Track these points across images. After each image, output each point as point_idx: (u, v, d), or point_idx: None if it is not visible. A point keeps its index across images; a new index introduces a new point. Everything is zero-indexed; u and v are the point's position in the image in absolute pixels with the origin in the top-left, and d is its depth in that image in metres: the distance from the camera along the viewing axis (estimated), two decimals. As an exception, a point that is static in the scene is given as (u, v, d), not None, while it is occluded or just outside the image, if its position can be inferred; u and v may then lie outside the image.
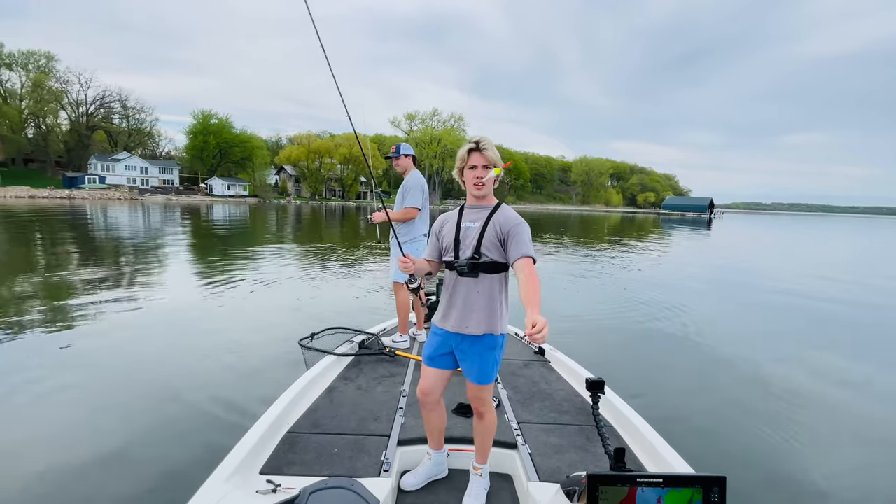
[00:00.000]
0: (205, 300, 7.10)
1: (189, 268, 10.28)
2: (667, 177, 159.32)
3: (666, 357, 5.30)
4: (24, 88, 63.12)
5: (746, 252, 20.48)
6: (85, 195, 51.68)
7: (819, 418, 3.86)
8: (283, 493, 1.74)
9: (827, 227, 54.32)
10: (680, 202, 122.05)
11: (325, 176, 75.90)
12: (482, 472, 2.03)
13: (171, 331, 5.51)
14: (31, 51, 63.92)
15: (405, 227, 3.72)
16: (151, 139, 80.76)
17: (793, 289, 10.33)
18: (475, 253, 1.84)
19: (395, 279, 3.79)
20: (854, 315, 8.09)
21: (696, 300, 8.50)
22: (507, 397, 2.83)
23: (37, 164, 65.61)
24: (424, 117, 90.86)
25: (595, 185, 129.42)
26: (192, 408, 3.55)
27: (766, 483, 2.88)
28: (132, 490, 2.57)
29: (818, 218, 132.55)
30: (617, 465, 1.46)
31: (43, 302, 6.52)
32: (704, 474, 1.31)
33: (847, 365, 5.30)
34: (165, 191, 62.64)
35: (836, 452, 3.30)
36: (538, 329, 1.37)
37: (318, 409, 2.59)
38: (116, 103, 72.51)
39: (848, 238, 34.84)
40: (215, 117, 71.23)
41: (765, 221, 72.93)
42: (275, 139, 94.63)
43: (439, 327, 1.97)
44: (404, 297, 3.79)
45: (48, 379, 3.99)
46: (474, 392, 1.93)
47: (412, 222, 3.72)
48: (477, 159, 1.84)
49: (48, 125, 65.61)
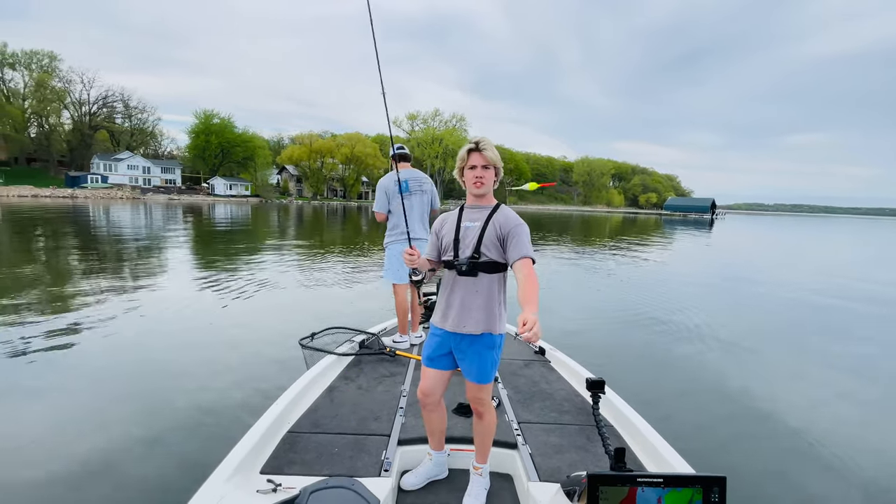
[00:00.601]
0: (205, 299, 7.11)
1: (190, 267, 10.30)
2: (669, 177, 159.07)
3: (666, 357, 5.29)
4: (28, 88, 63.32)
5: (747, 252, 20.45)
6: (87, 194, 51.82)
7: (820, 419, 3.84)
8: (283, 492, 1.74)
9: (829, 229, 54.18)
10: (682, 203, 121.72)
11: (326, 176, 76.01)
12: (482, 472, 2.03)
13: (171, 330, 5.53)
14: (35, 50, 64.20)
15: (388, 227, 3.84)
16: (154, 139, 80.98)
17: (795, 289, 10.31)
18: (475, 252, 1.85)
19: (391, 280, 3.82)
20: (857, 316, 8.06)
21: (697, 300, 8.48)
22: (507, 397, 2.83)
23: (40, 164, 65.80)
24: (426, 117, 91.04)
25: (597, 185, 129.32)
26: (193, 407, 3.55)
27: (767, 483, 2.88)
28: (133, 489, 2.58)
29: (821, 219, 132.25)
30: (617, 464, 1.46)
31: (43, 300, 6.54)
32: (705, 474, 1.31)
33: (849, 366, 5.28)
34: (167, 190, 62.79)
35: (836, 453, 3.28)
36: (528, 327, 1.39)
37: (318, 408, 2.59)
38: (119, 103, 72.76)
39: (850, 240, 34.75)
40: (217, 117, 71.41)
41: (767, 222, 72.77)
42: (276, 139, 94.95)
43: (438, 327, 1.97)
44: (402, 297, 3.81)
45: (47, 378, 4.00)
46: (473, 392, 1.93)
47: (392, 223, 3.80)
48: (477, 159, 1.85)
49: (51, 125, 65.79)
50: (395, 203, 3.73)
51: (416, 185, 3.77)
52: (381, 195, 3.73)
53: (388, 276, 3.84)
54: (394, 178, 3.75)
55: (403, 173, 3.75)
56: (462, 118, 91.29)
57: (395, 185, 3.72)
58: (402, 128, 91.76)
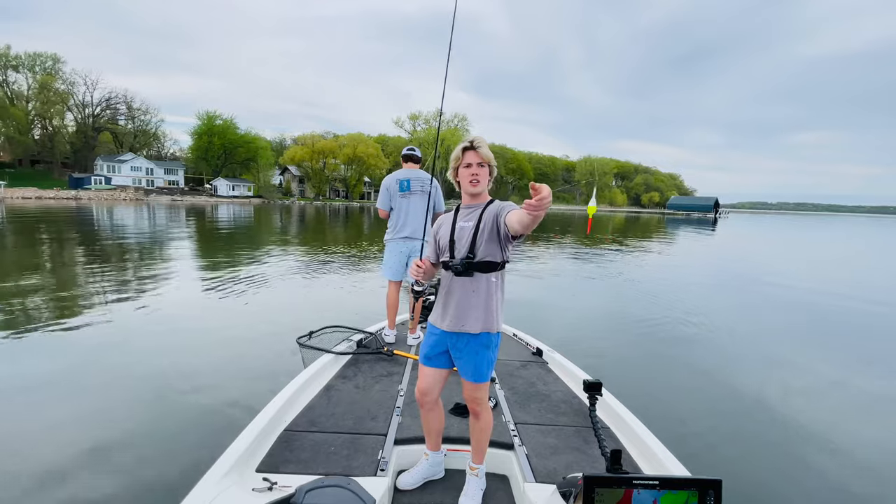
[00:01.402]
0: (204, 297, 7.12)
1: (190, 266, 10.31)
2: (671, 176, 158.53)
3: (663, 359, 5.26)
4: (31, 90, 63.76)
5: (749, 251, 20.37)
6: (91, 196, 52.08)
7: (817, 422, 3.81)
8: (279, 491, 1.73)
9: (834, 227, 53.93)
10: (685, 202, 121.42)
11: (328, 176, 76.13)
12: (478, 473, 2.03)
13: (168, 328, 5.53)
14: (38, 53, 64.63)
15: (389, 225, 3.86)
16: (157, 140, 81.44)
17: (795, 289, 10.26)
18: (470, 252, 1.86)
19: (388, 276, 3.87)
20: (859, 316, 8.01)
21: (697, 301, 8.45)
22: (504, 398, 2.81)
23: (43, 166, 66.19)
24: (428, 117, 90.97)
25: (599, 184, 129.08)
26: (189, 405, 3.56)
27: (763, 486, 2.86)
28: (127, 487, 2.57)
29: (824, 217, 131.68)
30: (613, 466, 1.46)
31: (42, 299, 6.56)
32: (700, 477, 1.30)
33: (848, 367, 5.25)
34: (171, 191, 63.01)
35: (833, 457, 3.26)
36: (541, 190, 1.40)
37: (315, 407, 2.59)
38: (122, 104, 73.24)
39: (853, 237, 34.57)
40: (220, 118, 71.61)
41: (770, 221, 72.53)
42: (279, 140, 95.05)
43: (436, 327, 1.98)
44: (394, 293, 3.85)
45: (42, 375, 4.00)
46: (470, 391, 1.94)
47: (392, 222, 3.82)
48: (471, 157, 1.88)
49: (54, 126, 66.23)
50: (396, 201, 3.75)
51: (418, 186, 3.78)
52: (384, 192, 3.78)
53: (385, 272, 3.90)
54: (397, 176, 3.78)
55: (407, 173, 3.78)
56: (464, 118, 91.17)
57: (397, 183, 3.75)
58: (404, 128, 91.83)
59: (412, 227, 3.74)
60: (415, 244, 3.74)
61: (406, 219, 3.76)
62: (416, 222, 3.73)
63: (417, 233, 3.71)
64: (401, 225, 3.77)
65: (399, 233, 3.77)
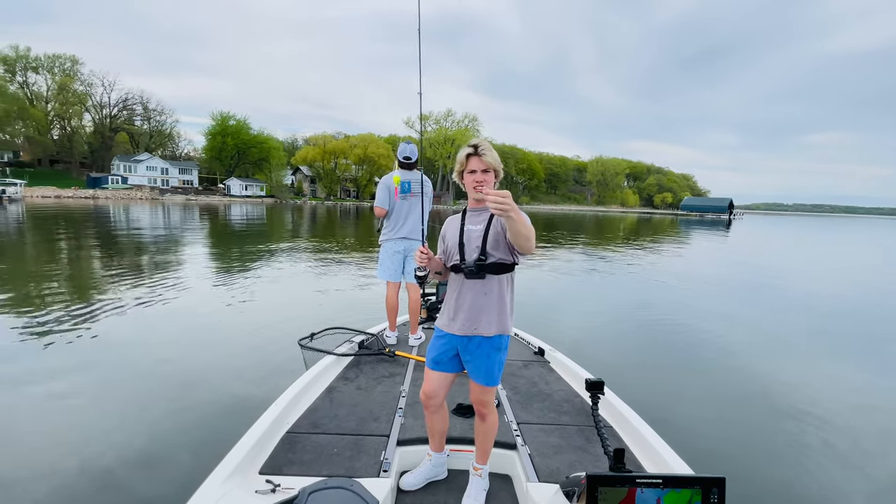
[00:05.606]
0: (208, 298, 7.18)
1: (198, 266, 10.43)
2: (685, 177, 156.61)
3: (666, 358, 5.23)
4: (50, 91, 65.16)
5: (761, 252, 20.07)
6: (108, 195, 53.13)
7: (820, 420, 3.76)
8: (282, 493, 1.73)
9: (855, 229, 52.80)
10: (698, 203, 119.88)
11: (339, 176, 76.62)
12: (482, 473, 2.01)
13: (171, 329, 5.56)
14: (57, 54, 65.93)
15: (385, 225, 3.84)
16: (171, 140, 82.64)
17: (801, 291, 10.10)
18: (481, 254, 1.83)
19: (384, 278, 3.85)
20: (863, 318, 7.85)
21: (699, 301, 8.38)
22: (506, 398, 2.80)
23: (62, 165, 67.67)
24: (438, 118, 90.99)
25: (611, 185, 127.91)
26: (191, 407, 3.56)
27: (766, 484, 2.84)
28: (131, 489, 2.58)
29: (842, 219, 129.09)
30: (616, 465, 1.45)
31: (42, 298, 6.69)
32: (704, 475, 1.28)
33: (850, 367, 5.17)
34: (185, 191, 64.01)
35: (836, 455, 3.22)
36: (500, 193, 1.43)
37: (317, 409, 2.59)
38: (138, 105, 74.50)
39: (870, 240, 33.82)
40: (233, 119, 72.62)
41: (786, 222, 71.30)
42: (291, 140, 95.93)
43: (444, 331, 1.94)
44: (391, 295, 3.84)
45: (44, 377, 4.00)
46: (478, 394, 1.91)
47: (390, 221, 3.80)
48: (475, 164, 1.81)
49: (73, 127, 67.61)
50: (395, 202, 3.76)
51: (418, 188, 3.79)
52: (384, 191, 3.76)
53: (381, 273, 3.87)
54: (396, 177, 3.77)
55: (409, 174, 3.78)
56: (474, 118, 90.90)
57: (398, 184, 3.75)
58: (415, 128, 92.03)
59: (409, 227, 3.75)
60: (411, 244, 3.76)
61: (405, 220, 3.77)
62: (413, 223, 3.76)
63: (414, 233, 3.74)
64: (399, 225, 3.78)
65: (397, 233, 3.78)
